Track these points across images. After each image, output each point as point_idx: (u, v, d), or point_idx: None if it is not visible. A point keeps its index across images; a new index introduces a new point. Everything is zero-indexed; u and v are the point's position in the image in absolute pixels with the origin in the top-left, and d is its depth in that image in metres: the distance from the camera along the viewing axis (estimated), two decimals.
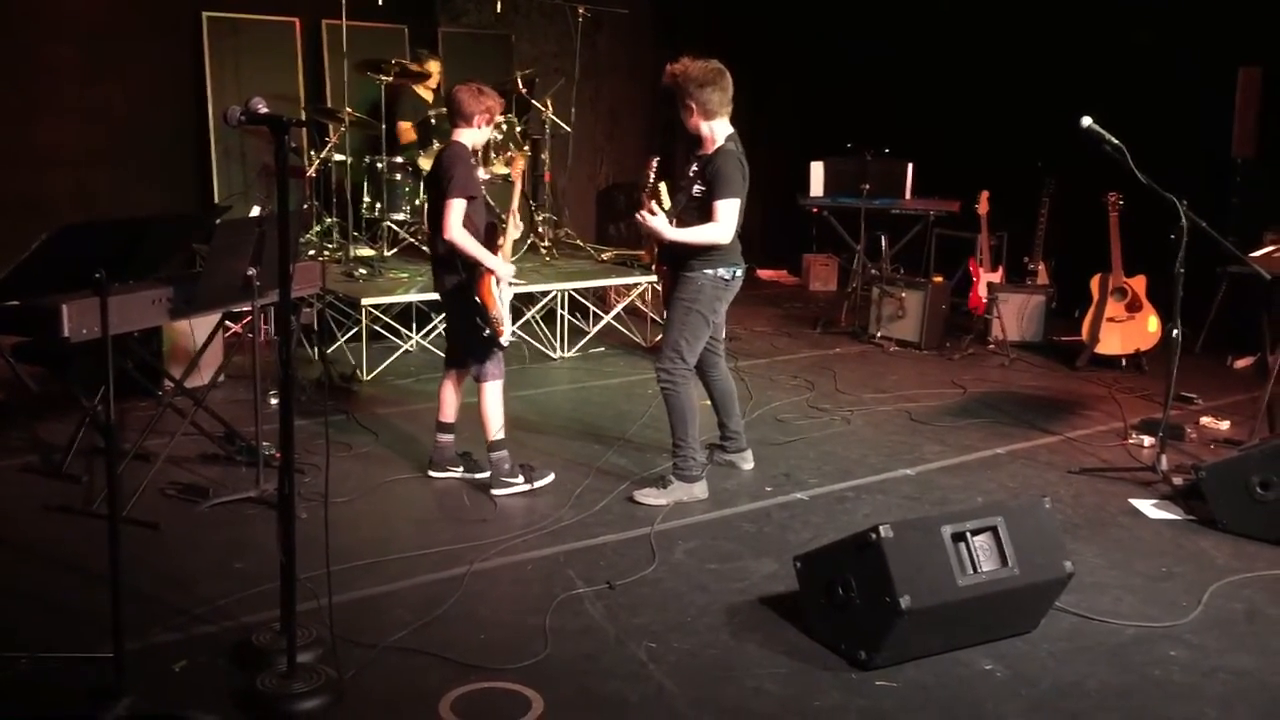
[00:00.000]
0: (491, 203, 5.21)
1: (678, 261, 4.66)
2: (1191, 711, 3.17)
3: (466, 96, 4.59)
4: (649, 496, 4.64)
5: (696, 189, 4.59)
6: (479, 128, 4.63)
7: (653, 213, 4.53)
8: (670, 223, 4.55)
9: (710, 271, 4.59)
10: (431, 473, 4.89)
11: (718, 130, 4.57)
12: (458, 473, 4.88)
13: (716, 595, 3.81)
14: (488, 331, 4.55)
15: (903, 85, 10.01)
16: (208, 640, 3.35)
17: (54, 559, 3.91)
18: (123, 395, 5.32)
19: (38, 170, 7.53)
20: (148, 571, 3.73)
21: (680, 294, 4.63)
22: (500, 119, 4.74)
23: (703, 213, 4.54)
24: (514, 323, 5.15)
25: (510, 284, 4.81)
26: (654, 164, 4.65)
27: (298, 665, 3.04)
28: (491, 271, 4.55)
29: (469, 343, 4.71)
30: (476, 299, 4.55)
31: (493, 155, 7.49)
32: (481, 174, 5.98)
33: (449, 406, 4.87)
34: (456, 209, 4.45)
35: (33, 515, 4.31)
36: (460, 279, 4.58)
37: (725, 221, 4.48)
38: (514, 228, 4.94)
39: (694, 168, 4.65)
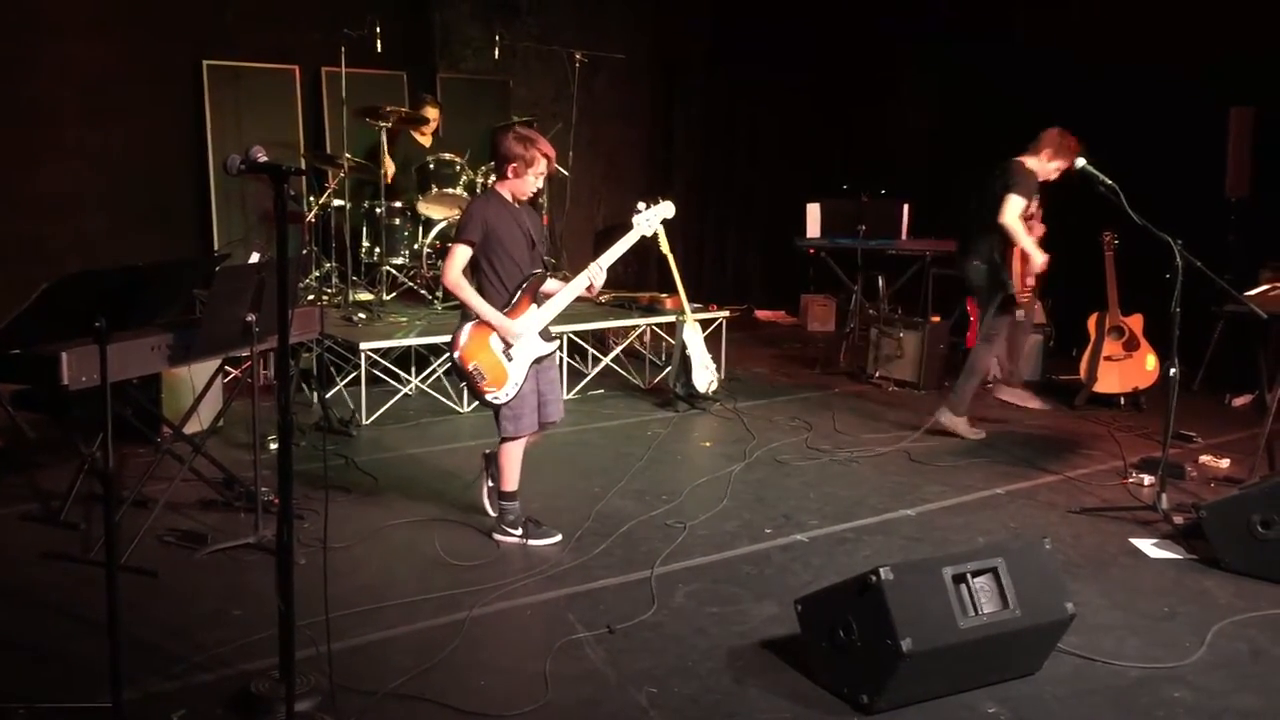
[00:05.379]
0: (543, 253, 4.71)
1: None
2: None
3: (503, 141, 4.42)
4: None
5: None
6: (510, 177, 4.41)
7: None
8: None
9: None
10: (495, 535, 4.65)
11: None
12: (517, 535, 4.61)
13: (717, 639, 3.79)
14: (464, 383, 4.26)
15: (898, 126, 10.10)
16: (206, 689, 3.33)
17: (52, 607, 3.89)
18: (121, 441, 5.32)
19: (38, 216, 7.55)
20: (146, 619, 3.71)
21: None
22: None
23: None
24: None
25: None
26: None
27: (297, 713, 3.02)
28: (490, 326, 4.36)
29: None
30: (455, 351, 4.35)
31: None
32: None
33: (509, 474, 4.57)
34: (455, 255, 4.37)
35: (31, 563, 4.29)
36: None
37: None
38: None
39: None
